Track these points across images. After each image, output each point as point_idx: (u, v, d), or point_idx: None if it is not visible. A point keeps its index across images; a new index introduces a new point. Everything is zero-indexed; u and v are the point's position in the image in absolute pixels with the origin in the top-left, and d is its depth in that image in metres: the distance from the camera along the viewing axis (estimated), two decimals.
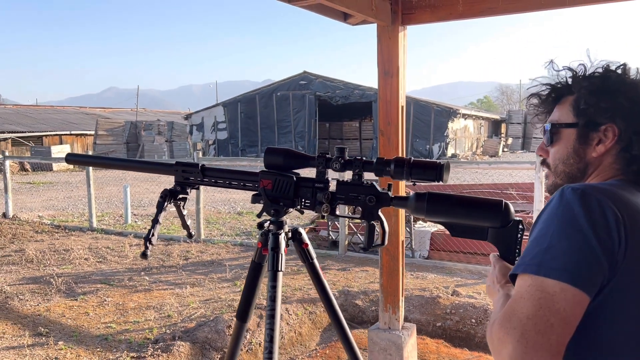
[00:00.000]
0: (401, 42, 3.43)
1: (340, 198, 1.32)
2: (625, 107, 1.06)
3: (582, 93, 1.10)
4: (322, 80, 28.29)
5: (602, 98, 1.07)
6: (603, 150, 1.08)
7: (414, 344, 3.71)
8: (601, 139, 1.08)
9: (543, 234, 0.94)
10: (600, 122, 1.08)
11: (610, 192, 0.97)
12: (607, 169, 1.10)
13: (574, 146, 1.12)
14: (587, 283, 0.89)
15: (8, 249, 7.48)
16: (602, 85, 1.08)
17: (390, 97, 3.47)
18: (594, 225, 0.90)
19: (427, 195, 1.23)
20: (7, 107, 41.61)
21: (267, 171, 1.35)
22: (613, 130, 1.07)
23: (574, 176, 1.13)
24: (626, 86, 1.08)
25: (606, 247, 0.90)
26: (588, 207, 0.92)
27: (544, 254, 0.92)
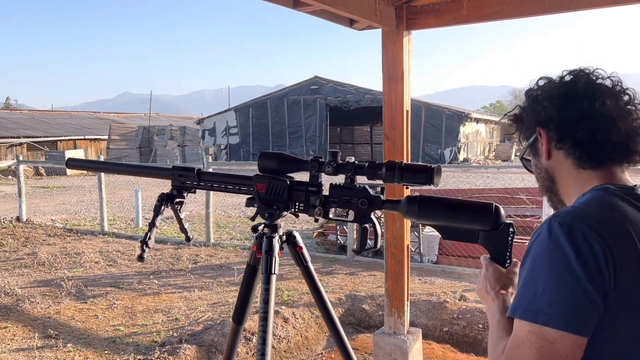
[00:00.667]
0: (406, 47, 3.44)
1: (333, 201, 1.33)
2: (544, 104, 1.12)
3: (515, 122, 1.20)
4: (333, 85, 28.35)
5: (523, 113, 1.18)
6: (545, 151, 1.13)
7: (419, 348, 3.70)
8: (542, 143, 1.14)
9: (536, 275, 0.95)
10: (531, 133, 1.16)
11: (594, 219, 0.97)
12: (565, 165, 1.12)
13: (533, 161, 1.20)
14: (585, 326, 0.92)
15: (21, 252, 7.58)
16: (531, 96, 1.16)
17: (395, 101, 3.47)
18: (585, 266, 0.92)
19: (418, 199, 1.24)
20: (23, 112, 42.24)
21: (261, 175, 1.36)
22: (542, 131, 1.13)
23: (548, 187, 1.17)
24: (534, 96, 1.16)
25: (598, 285, 0.92)
26: (577, 245, 0.93)
27: (540, 299, 0.93)
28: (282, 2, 3.03)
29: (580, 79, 1.12)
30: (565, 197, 1.15)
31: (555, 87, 1.13)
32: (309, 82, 28.96)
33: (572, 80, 1.12)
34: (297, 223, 9.87)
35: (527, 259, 1.00)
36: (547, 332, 0.92)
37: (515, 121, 1.20)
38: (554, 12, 3.06)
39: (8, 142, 28.19)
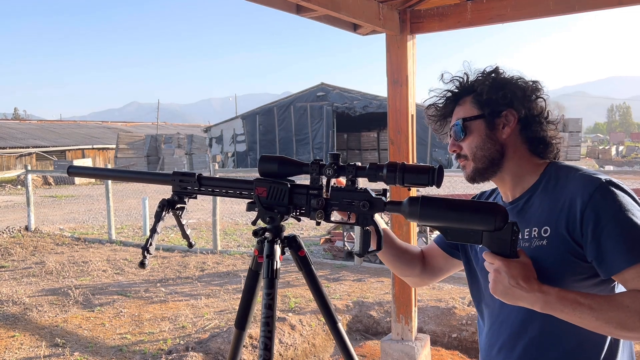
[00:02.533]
0: (410, 51, 3.43)
1: (335, 204, 1.31)
2: (518, 95, 1.30)
3: (481, 89, 1.32)
4: (339, 92, 28.37)
5: (499, 89, 1.31)
6: (509, 132, 1.31)
7: (427, 355, 3.66)
8: (504, 123, 1.31)
9: (634, 220, 1.12)
10: (501, 110, 1.31)
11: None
12: (520, 148, 1.33)
13: (486, 133, 1.32)
14: None
15: (29, 261, 7.61)
16: (494, 81, 1.32)
17: (400, 106, 3.46)
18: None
19: (421, 199, 1.22)
20: (32, 122, 42.62)
21: (262, 179, 1.35)
22: (512, 114, 1.31)
23: (494, 158, 1.32)
24: (510, 80, 1.33)
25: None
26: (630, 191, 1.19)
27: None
28: (285, 8, 3.03)
29: (539, 85, 1.34)
30: (506, 171, 1.33)
31: (528, 85, 1.32)
32: (315, 88, 29.00)
33: (537, 83, 1.34)
34: (304, 230, 9.85)
35: (601, 218, 1.14)
36: None
37: (485, 91, 1.31)
38: (559, 13, 3.03)
39: (17, 152, 28.44)
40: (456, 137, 1.36)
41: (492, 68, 1.35)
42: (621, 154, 40.02)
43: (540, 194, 1.29)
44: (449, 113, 1.39)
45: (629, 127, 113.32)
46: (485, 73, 1.35)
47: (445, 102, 1.38)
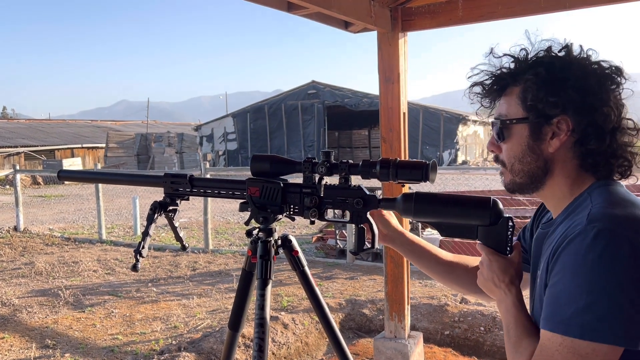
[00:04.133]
0: (402, 49, 3.42)
1: (328, 202, 1.30)
2: (575, 99, 1.00)
3: (529, 85, 1.03)
4: (330, 90, 28.37)
5: (550, 90, 1.01)
6: (558, 145, 1.03)
7: (420, 352, 3.67)
8: (555, 132, 1.03)
9: (577, 285, 0.90)
10: (552, 115, 1.02)
11: (633, 221, 0.92)
12: (568, 164, 1.05)
13: (528, 143, 1.06)
14: (632, 339, 0.88)
15: (18, 262, 7.53)
16: (548, 75, 1.02)
17: (392, 103, 3.45)
18: (635, 276, 0.87)
19: (415, 196, 1.22)
20: (20, 121, 42.23)
21: (254, 178, 1.34)
22: (566, 123, 1.02)
23: (535, 174, 1.07)
24: (573, 74, 1.01)
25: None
26: (626, 255, 0.88)
27: (583, 312, 0.89)
28: (276, 6, 3.01)
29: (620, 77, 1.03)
30: (549, 192, 1.09)
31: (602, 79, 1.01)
32: (306, 86, 28.98)
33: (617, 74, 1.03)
34: (296, 228, 9.84)
35: (557, 266, 0.95)
36: (582, 345, 0.88)
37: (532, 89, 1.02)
38: (550, 11, 3.04)
39: (5, 151, 28.16)
40: (496, 136, 1.12)
41: (559, 47, 1.04)
42: None
43: (563, 221, 1.06)
44: (495, 97, 1.12)
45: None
46: (544, 57, 1.04)
47: (490, 87, 1.11)
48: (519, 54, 1.06)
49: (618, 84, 1.03)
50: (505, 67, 1.08)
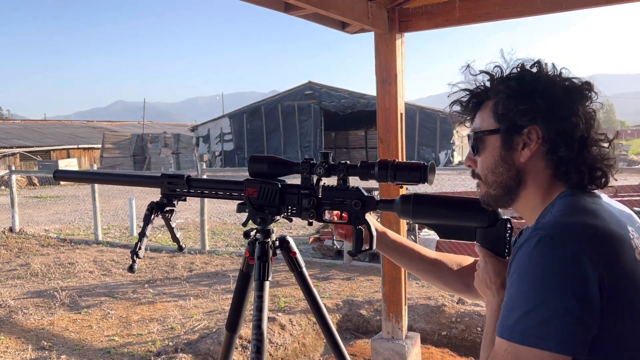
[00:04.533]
0: (399, 50, 3.43)
1: (326, 203, 1.30)
2: (543, 108, 1.02)
3: (500, 98, 1.06)
4: (327, 90, 28.36)
5: (520, 100, 1.03)
6: (529, 154, 1.04)
7: (418, 353, 3.67)
8: (526, 143, 1.04)
9: (521, 291, 0.92)
10: (522, 125, 1.04)
11: (582, 230, 0.92)
12: (541, 174, 1.05)
13: (500, 153, 1.07)
14: (570, 346, 0.87)
15: (14, 263, 7.50)
16: (518, 87, 1.05)
17: (389, 104, 3.45)
18: (572, 284, 0.87)
19: (413, 197, 1.22)
20: (16, 122, 42.07)
21: (252, 179, 1.33)
22: (536, 132, 1.03)
23: (508, 185, 1.07)
24: (542, 85, 1.04)
25: (587, 303, 0.87)
26: (564, 262, 0.88)
27: (525, 318, 0.90)
28: (273, 6, 3.01)
29: (589, 90, 1.05)
30: (523, 203, 1.09)
31: (570, 91, 1.04)
32: (302, 87, 28.96)
33: (586, 88, 1.05)
34: (293, 229, 9.82)
35: (510, 273, 0.96)
36: (523, 351, 0.89)
37: (503, 101, 1.05)
38: (547, 12, 3.05)
39: (1, 152, 28.04)
40: (471, 150, 1.14)
41: (522, 66, 1.08)
42: None
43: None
44: (472, 116, 1.16)
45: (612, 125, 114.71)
46: (516, 72, 1.08)
47: (467, 103, 1.14)
48: (493, 71, 1.09)
49: (587, 97, 1.05)
50: (480, 83, 1.12)
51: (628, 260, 0.92)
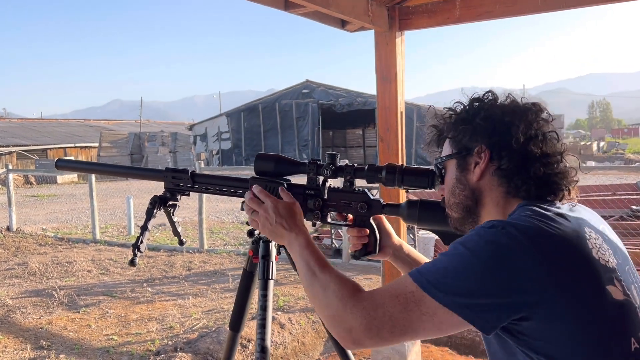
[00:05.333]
0: (399, 48, 3.42)
1: (331, 205, 1.29)
2: (482, 126, 1.08)
3: (451, 125, 1.14)
4: (324, 89, 28.35)
5: (463, 123, 1.11)
6: (479, 172, 1.09)
7: (418, 352, 3.67)
8: (477, 162, 1.09)
9: (454, 253, 0.96)
10: (470, 146, 1.10)
11: (530, 228, 0.95)
12: (495, 192, 1.09)
13: (456, 175, 1.13)
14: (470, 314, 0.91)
15: (11, 262, 7.47)
16: (465, 114, 1.13)
17: (389, 102, 3.45)
18: (501, 268, 0.91)
19: (419, 203, 1.22)
20: (12, 120, 41.91)
21: (257, 177, 1.33)
22: (485, 152, 1.08)
23: (467, 206, 1.12)
24: (482, 107, 1.11)
25: (508, 291, 0.90)
26: (504, 247, 0.92)
27: (431, 262, 0.97)
28: (273, 4, 3.00)
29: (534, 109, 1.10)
30: (484, 220, 1.11)
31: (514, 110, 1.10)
32: (300, 86, 28.94)
33: (531, 108, 1.10)
34: None
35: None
36: (426, 299, 0.93)
37: (451, 128, 1.14)
38: (547, 10, 3.04)
39: None
40: (439, 179, 1.21)
41: (472, 97, 1.16)
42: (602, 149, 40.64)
43: None
44: (440, 149, 1.23)
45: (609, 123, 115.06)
46: (466, 105, 1.16)
47: (437, 139, 1.22)
48: (455, 107, 1.16)
49: (531, 114, 1.09)
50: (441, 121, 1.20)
51: (577, 260, 0.94)
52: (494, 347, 1.00)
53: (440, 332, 0.96)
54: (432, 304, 0.93)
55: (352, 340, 0.98)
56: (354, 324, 0.97)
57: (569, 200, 1.07)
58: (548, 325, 0.91)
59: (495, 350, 1.00)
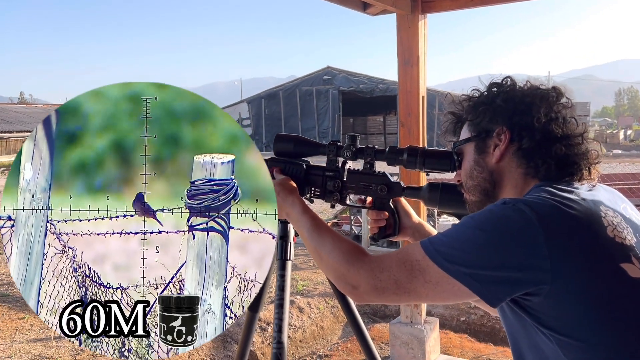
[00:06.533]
0: (421, 31, 3.37)
1: (351, 187, 1.28)
2: (502, 107, 1.08)
3: (470, 109, 1.13)
4: (345, 75, 28.20)
5: (482, 105, 1.11)
6: (499, 154, 1.08)
7: (436, 338, 3.66)
8: (496, 144, 1.08)
9: (463, 225, 0.97)
10: (489, 128, 1.09)
11: (543, 205, 0.94)
12: (514, 174, 1.08)
13: (474, 158, 1.12)
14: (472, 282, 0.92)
15: None
16: (485, 97, 1.12)
17: (411, 87, 3.41)
18: (497, 238, 0.92)
19: (441, 186, 1.21)
20: (38, 106, 42.71)
21: (277, 158, 1.32)
22: (505, 134, 1.07)
23: (485, 188, 1.11)
24: (502, 90, 1.11)
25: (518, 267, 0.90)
26: (514, 223, 0.92)
27: (442, 234, 0.99)
28: None
29: (553, 93, 1.09)
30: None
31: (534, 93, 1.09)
32: (321, 72, 28.84)
33: (550, 92, 1.09)
34: None
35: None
36: (432, 268, 0.94)
37: (470, 111, 1.13)
38: None
39: (24, 136, 28.56)
40: (457, 164, 1.20)
41: (490, 83, 1.15)
42: (629, 137, 39.72)
43: None
44: (457, 136, 1.22)
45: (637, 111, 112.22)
46: (484, 90, 1.15)
47: (454, 127, 1.21)
48: (472, 94, 1.15)
49: (552, 97, 1.08)
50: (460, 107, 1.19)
51: (588, 239, 0.93)
52: (509, 319, 1.01)
53: (442, 300, 0.98)
54: (437, 273, 0.94)
55: (358, 296, 1.02)
56: (361, 282, 1.00)
57: (589, 180, 1.06)
58: (558, 303, 0.91)
59: (511, 322, 1.01)
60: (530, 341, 0.98)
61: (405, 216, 1.34)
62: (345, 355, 3.89)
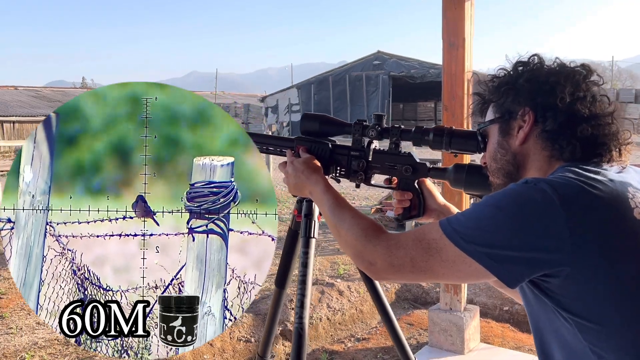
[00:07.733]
0: (468, 12, 3.28)
1: (376, 167, 1.28)
2: (526, 87, 1.04)
3: (494, 90, 1.10)
4: (396, 60, 27.80)
5: (505, 85, 1.07)
6: (523, 136, 1.04)
7: (476, 326, 3.60)
8: (520, 126, 1.05)
9: (482, 205, 0.95)
10: (513, 109, 1.06)
11: (566, 185, 0.91)
12: (538, 156, 1.04)
13: (498, 140, 1.09)
14: (490, 263, 0.90)
15: None
16: (509, 77, 1.08)
17: (455, 70, 3.33)
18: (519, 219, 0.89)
19: (467, 167, 1.19)
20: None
21: (303, 137, 1.33)
22: (529, 115, 1.04)
23: (509, 171, 1.08)
24: (527, 70, 1.07)
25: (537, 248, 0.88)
26: (534, 203, 0.89)
27: (460, 213, 0.99)
28: None
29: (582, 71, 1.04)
30: None
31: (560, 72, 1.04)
32: (371, 57, 28.53)
33: (580, 70, 1.04)
34: (355, 199, 9.84)
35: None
36: (449, 247, 0.93)
37: (493, 91, 1.10)
38: None
39: None
40: (482, 146, 1.19)
41: (516, 62, 1.10)
42: None
43: None
44: (484, 118, 1.20)
45: None
46: (510, 69, 1.11)
47: (481, 108, 1.18)
48: (498, 73, 1.12)
49: (579, 75, 1.04)
50: (482, 88, 1.16)
51: (612, 220, 0.90)
52: (530, 301, 0.99)
53: (459, 280, 0.98)
54: (454, 252, 0.93)
55: (375, 272, 1.02)
56: (377, 259, 1.01)
57: (620, 162, 1.01)
58: (578, 285, 0.88)
59: (532, 304, 0.99)
60: (551, 325, 0.96)
61: (430, 197, 1.32)
62: (383, 340, 3.89)
